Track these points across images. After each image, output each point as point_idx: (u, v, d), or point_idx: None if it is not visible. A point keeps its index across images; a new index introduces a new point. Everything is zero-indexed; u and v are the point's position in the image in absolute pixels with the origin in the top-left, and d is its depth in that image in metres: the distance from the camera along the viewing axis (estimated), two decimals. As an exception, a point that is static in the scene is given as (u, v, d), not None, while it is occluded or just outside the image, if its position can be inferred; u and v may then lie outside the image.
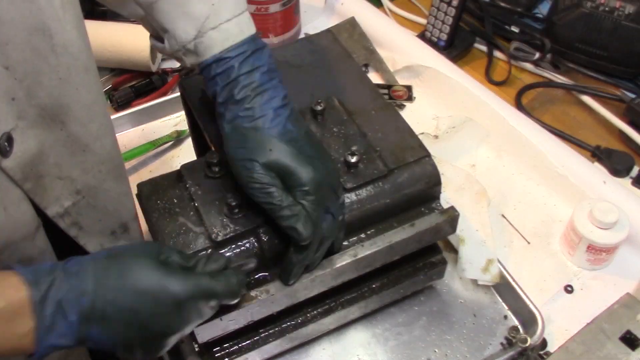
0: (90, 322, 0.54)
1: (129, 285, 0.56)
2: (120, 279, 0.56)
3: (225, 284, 0.61)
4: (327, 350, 0.83)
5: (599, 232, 0.86)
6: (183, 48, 0.66)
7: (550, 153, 0.99)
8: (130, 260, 0.57)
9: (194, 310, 0.59)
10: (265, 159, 0.63)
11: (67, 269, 0.55)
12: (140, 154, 1.03)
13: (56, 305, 0.53)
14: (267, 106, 0.65)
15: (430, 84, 1.12)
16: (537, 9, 1.28)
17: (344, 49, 0.87)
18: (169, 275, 0.57)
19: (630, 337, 0.79)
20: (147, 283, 0.56)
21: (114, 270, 0.56)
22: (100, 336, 0.55)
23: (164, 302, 0.56)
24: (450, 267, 0.86)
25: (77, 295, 0.54)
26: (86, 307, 0.54)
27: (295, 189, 0.64)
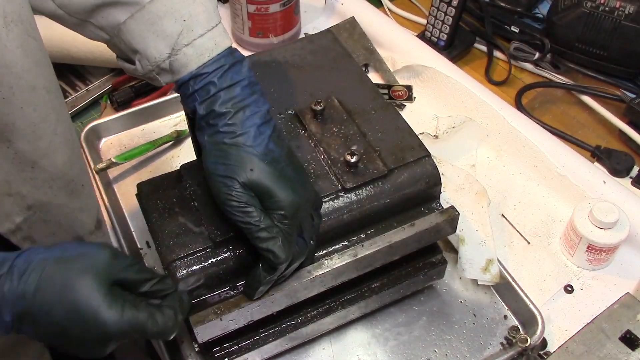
0: (23, 322, 0.55)
1: (66, 304, 0.55)
2: (60, 293, 0.55)
3: (161, 323, 0.59)
4: (327, 350, 0.83)
5: (599, 232, 0.86)
6: (157, 67, 0.65)
7: (550, 153, 0.99)
8: (77, 275, 0.56)
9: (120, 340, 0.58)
10: (245, 178, 0.62)
11: (14, 266, 0.55)
12: (140, 154, 1.03)
13: None
14: (249, 122, 0.64)
15: (430, 84, 1.12)
16: (537, 9, 1.28)
17: (344, 49, 0.87)
18: (108, 304, 0.56)
19: (630, 337, 0.79)
20: (84, 307, 0.55)
21: (57, 281, 0.55)
22: (31, 334, 0.56)
23: (94, 331, 0.56)
24: (450, 267, 0.86)
25: (15, 298, 0.54)
26: (21, 311, 0.54)
27: (273, 212, 0.63)
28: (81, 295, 0.55)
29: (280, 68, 0.84)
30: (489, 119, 1.05)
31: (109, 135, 1.07)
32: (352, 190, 0.72)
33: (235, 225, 0.64)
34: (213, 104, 0.63)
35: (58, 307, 0.55)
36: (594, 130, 1.10)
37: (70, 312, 0.55)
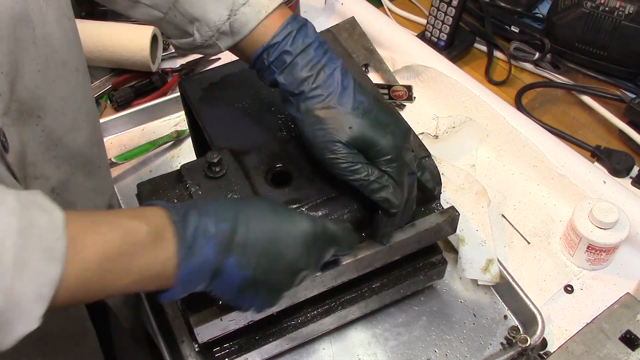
0: (228, 250, 0.55)
1: (268, 216, 0.58)
2: (258, 210, 0.58)
3: (346, 233, 0.64)
4: (327, 350, 0.83)
5: (599, 232, 0.86)
6: (217, 32, 0.67)
7: (550, 153, 0.99)
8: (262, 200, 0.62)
9: (317, 251, 0.62)
10: (346, 137, 0.64)
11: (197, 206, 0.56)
12: (140, 154, 1.03)
13: (195, 228, 0.53)
14: (332, 81, 0.66)
15: (430, 84, 1.12)
16: (537, 9, 1.28)
17: (344, 49, 0.87)
18: (298, 215, 0.61)
19: (630, 337, 0.79)
20: (283, 217, 0.59)
21: (251, 205, 0.58)
22: (233, 268, 0.55)
23: (296, 236, 0.59)
24: (450, 267, 0.86)
25: (217, 221, 0.55)
26: (226, 232, 0.55)
27: (379, 159, 0.65)
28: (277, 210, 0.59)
29: (280, 68, 0.84)
30: (489, 119, 1.05)
31: (109, 135, 1.07)
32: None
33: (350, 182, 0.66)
34: (293, 72, 0.65)
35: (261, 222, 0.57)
36: (594, 130, 1.10)
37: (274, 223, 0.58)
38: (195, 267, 0.53)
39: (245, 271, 0.56)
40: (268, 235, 0.57)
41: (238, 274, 0.56)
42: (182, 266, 0.53)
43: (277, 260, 0.58)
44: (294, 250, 0.59)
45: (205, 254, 0.54)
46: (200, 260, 0.53)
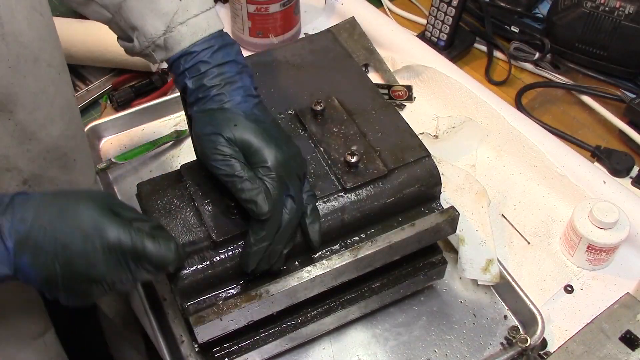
0: (23, 249, 0.55)
1: (66, 220, 0.57)
2: (60, 212, 0.57)
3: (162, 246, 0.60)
4: (327, 350, 0.83)
5: (599, 232, 0.86)
6: (152, 44, 0.68)
7: (550, 153, 0.99)
8: (76, 200, 0.58)
9: (121, 262, 0.58)
10: (230, 133, 0.64)
11: (14, 200, 0.56)
12: (140, 154, 1.03)
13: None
14: (236, 92, 0.67)
15: (430, 84, 1.12)
16: (537, 9, 1.28)
17: (344, 49, 0.87)
18: (108, 220, 0.58)
19: (630, 337, 0.79)
20: (84, 221, 0.57)
21: (56, 205, 0.58)
22: (28, 268, 0.56)
23: (93, 243, 0.57)
24: (450, 267, 0.86)
25: (17, 223, 0.55)
26: (22, 234, 0.55)
27: (257, 166, 0.65)
28: (82, 213, 0.57)
29: (280, 68, 0.85)
30: (489, 119, 1.05)
31: (109, 135, 1.07)
32: (352, 191, 0.72)
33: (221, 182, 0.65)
34: (202, 79, 0.67)
35: (58, 224, 0.56)
36: (594, 130, 1.10)
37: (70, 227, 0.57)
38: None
39: (38, 272, 0.56)
40: (63, 240, 0.56)
41: (32, 273, 0.57)
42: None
43: (68, 267, 0.57)
44: (85, 260, 0.57)
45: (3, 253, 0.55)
46: None
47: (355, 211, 0.71)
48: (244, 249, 0.66)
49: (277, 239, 0.66)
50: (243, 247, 0.67)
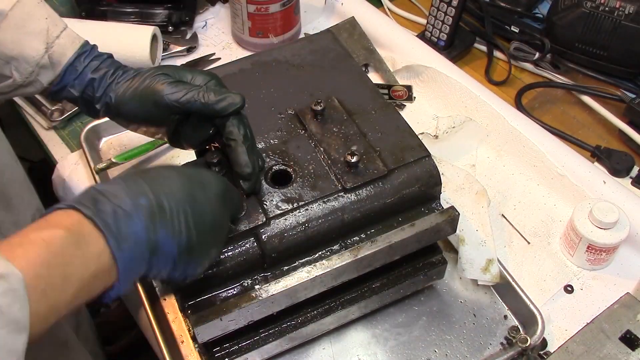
0: (155, 221, 0.54)
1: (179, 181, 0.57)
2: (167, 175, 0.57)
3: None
4: (327, 350, 0.83)
5: (599, 232, 0.86)
6: (36, 67, 0.70)
7: (550, 153, 0.99)
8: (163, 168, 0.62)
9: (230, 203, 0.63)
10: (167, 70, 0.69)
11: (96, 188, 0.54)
12: (140, 154, 1.03)
13: (114, 214, 0.52)
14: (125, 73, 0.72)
15: (430, 84, 1.12)
16: (537, 9, 1.28)
17: (344, 49, 0.87)
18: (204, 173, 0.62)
19: (630, 337, 0.79)
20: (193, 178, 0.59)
21: (160, 170, 0.58)
22: (167, 240, 0.55)
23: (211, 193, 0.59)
24: (450, 267, 0.86)
25: (132, 199, 0.53)
26: (147, 207, 0.53)
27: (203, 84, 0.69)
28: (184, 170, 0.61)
29: (280, 68, 0.85)
30: (489, 119, 1.05)
31: (109, 135, 1.07)
32: (352, 191, 0.72)
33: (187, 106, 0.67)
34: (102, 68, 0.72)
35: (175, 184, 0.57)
36: (594, 130, 1.10)
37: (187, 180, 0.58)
38: (131, 251, 0.52)
39: (179, 238, 0.55)
40: (187, 198, 0.56)
41: (173, 243, 0.55)
42: (118, 254, 0.51)
43: (203, 219, 0.57)
44: (214, 206, 0.59)
45: (136, 235, 0.52)
46: (132, 242, 0.52)
47: (355, 211, 0.71)
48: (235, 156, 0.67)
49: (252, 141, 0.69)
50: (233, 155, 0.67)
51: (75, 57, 0.72)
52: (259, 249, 0.68)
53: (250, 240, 0.68)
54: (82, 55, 0.72)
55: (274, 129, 0.77)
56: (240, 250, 0.68)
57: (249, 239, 0.68)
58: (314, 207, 0.70)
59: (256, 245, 0.68)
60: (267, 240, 0.68)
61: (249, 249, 0.68)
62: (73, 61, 0.71)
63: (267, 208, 0.70)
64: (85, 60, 0.72)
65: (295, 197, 0.70)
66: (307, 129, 0.77)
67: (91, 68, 0.72)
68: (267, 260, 0.69)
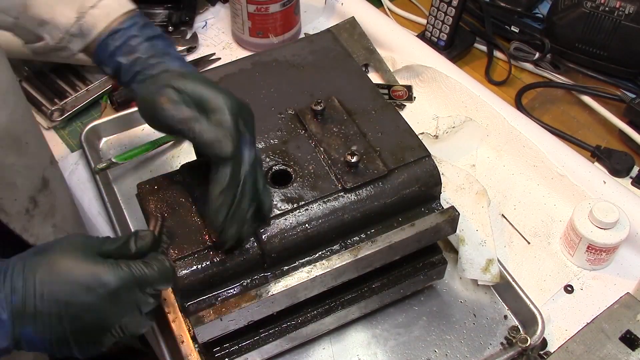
0: (22, 320, 0.53)
1: (60, 278, 0.55)
2: (50, 272, 0.55)
3: (158, 269, 0.59)
4: (327, 350, 0.83)
5: (599, 232, 0.86)
6: (67, 34, 0.68)
7: (550, 153, 0.99)
8: (60, 254, 0.56)
9: (129, 299, 0.58)
10: (179, 84, 0.62)
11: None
12: (140, 154, 1.03)
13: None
14: (174, 62, 0.67)
15: (430, 84, 1.12)
16: (537, 9, 1.28)
17: (344, 49, 0.87)
18: (99, 265, 0.56)
19: (630, 337, 0.79)
20: (78, 274, 0.55)
21: (43, 265, 0.55)
22: (33, 336, 0.54)
23: (96, 292, 0.55)
24: (450, 267, 0.86)
25: (7, 294, 0.53)
26: (17, 305, 0.53)
27: (211, 113, 0.61)
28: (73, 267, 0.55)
29: (280, 68, 0.85)
30: (489, 119, 1.05)
31: (109, 135, 1.07)
32: (352, 191, 0.72)
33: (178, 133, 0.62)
34: (136, 53, 0.67)
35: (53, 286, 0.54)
36: (594, 130, 1.10)
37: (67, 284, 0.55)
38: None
39: (46, 337, 0.55)
40: (64, 299, 0.54)
41: (39, 340, 0.55)
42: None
43: (77, 322, 0.55)
44: (93, 310, 0.56)
45: None
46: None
47: (355, 211, 0.71)
48: (209, 204, 0.62)
49: (241, 193, 0.62)
50: (208, 203, 0.63)
51: (109, 33, 0.68)
52: (259, 249, 0.68)
53: (250, 240, 0.68)
54: (116, 33, 0.67)
55: (274, 129, 0.77)
56: (241, 250, 0.68)
57: (249, 239, 0.68)
58: (314, 207, 0.70)
59: (256, 245, 0.68)
60: (267, 240, 0.68)
61: (249, 249, 0.68)
62: (106, 37, 0.68)
63: (267, 208, 0.70)
64: (119, 39, 0.67)
65: (295, 197, 0.70)
66: (307, 129, 0.77)
67: (123, 51, 0.67)
68: (267, 260, 0.69)
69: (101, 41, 0.67)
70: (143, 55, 0.66)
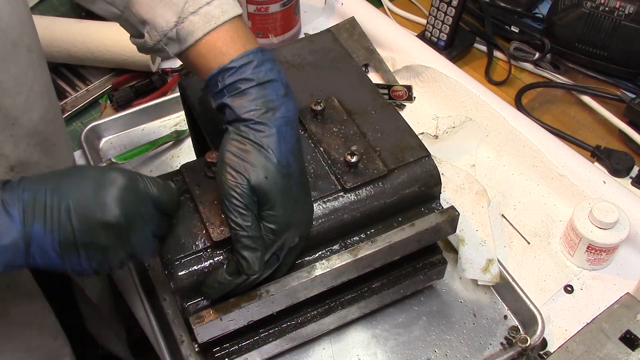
0: (33, 215, 0.54)
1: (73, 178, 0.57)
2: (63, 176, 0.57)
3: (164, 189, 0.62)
4: (327, 350, 0.83)
5: (599, 232, 0.86)
6: (164, 37, 0.67)
7: (550, 153, 0.99)
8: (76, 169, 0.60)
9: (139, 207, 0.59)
10: (256, 181, 0.62)
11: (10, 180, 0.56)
12: (140, 154, 1.03)
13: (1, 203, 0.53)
14: (278, 125, 0.63)
15: (430, 84, 1.12)
16: (537, 9, 1.28)
17: (344, 49, 0.87)
18: (115, 170, 0.59)
19: (630, 337, 0.79)
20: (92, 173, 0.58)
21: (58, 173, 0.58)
22: (41, 233, 0.54)
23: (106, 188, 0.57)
24: (450, 267, 0.86)
25: (19, 192, 0.54)
26: (28, 200, 0.54)
27: (265, 223, 0.63)
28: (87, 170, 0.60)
29: (280, 68, 0.84)
30: (489, 119, 1.05)
31: (109, 135, 1.07)
32: (352, 191, 0.72)
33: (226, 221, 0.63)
34: (243, 99, 0.63)
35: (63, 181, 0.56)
36: (594, 130, 1.10)
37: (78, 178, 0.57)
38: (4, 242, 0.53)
39: (54, 233, 0.55)
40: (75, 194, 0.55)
41: (48, 240, 0.55)
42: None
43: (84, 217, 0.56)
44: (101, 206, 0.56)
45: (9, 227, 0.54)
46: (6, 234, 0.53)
47: (355, 211, 0.71)
48: (212, 281, 0.65)
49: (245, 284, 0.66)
50: (212, 278, 0.65)
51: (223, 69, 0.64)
52: (259, 249, 0.68)
53: (250, 240, 0.69)
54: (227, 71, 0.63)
55: (274, 129, 0.77)
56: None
57: None
58: (314, 207, 0.70)
59: (256, 245, 0.68)
60: (267, 240, 0.68)
61: (249, 249, 0.68)
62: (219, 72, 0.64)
63: (267, 208, 0.70)
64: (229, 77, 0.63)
65: None
66: (307, 129, 0.77)
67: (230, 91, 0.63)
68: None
69: (212, 77, 0.65)
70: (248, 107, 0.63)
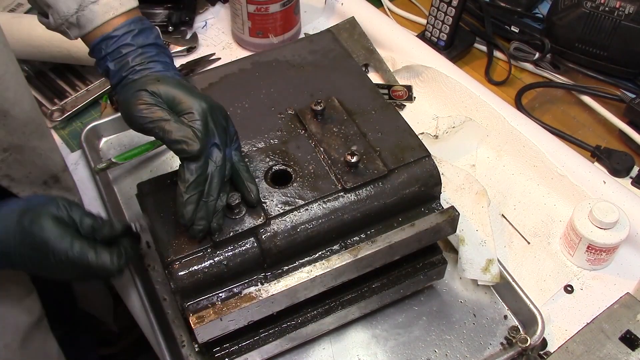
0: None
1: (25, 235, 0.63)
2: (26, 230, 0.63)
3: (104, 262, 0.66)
4: (327, 350, 0.83)
5: (599, 232, 0.86)
6: (66, 22, 0.71)
7: (550, 153, 0.99)
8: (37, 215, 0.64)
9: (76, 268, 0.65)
10: (153, 87, 0.65)
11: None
12: (140, 154, 1.03)
13: None
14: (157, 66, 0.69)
15: (430, 84, 1.12)
16: (537, 9, 1.28)
17: (344, 49, 0.87)
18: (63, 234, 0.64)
19: (630, 337, 0.79)
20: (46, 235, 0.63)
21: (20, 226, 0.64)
22: None
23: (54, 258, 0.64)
24: (450, 267, 0.86)
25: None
26: None
27: (182, 114, 0.65)
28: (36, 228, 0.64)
29: (280, 68, 0.85)
30: (489, 119, 1.05)
31: (109, 135, 1.07)
32: (352, 191, 0.72)
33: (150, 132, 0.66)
34: (124, 59, 0.69)
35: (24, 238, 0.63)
36: (594, 130, 1.10)
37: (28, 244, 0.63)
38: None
39: None
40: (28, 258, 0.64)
41: None
42: None
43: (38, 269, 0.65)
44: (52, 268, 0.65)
45: None
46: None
47: (355, 211, 0.71)
48: (177, 199, 0.66)
49: (208, 189, 0.66)
50: (176, 198, 0.66)
51: (102, 39, 0.70)
52: (259, 249, 0.68)
53: (250, 240, 0.69)
54: (109, 40, 0.70)
55: (274, 129, 0.77)
56: (240, 250, 0.68)
57: (249, 239, 0.69)
58: (314, 207, 0.70)
59: (256, 245, 0.68)
60: (267, 240, 0.68)
61: (249, 249, 0.68)
62: (99, 42, 0.70)
63: (267, 208, 0.70)
64: (111, 45, 0.70)
65: (295, 197, 0.70)
66: (307, 129, 0.77)
67: (113, 56, 0.70)
68: (267, 260, 0.69)
69: (95, 45, 0.71)
70: (131, 62, 0.69)
